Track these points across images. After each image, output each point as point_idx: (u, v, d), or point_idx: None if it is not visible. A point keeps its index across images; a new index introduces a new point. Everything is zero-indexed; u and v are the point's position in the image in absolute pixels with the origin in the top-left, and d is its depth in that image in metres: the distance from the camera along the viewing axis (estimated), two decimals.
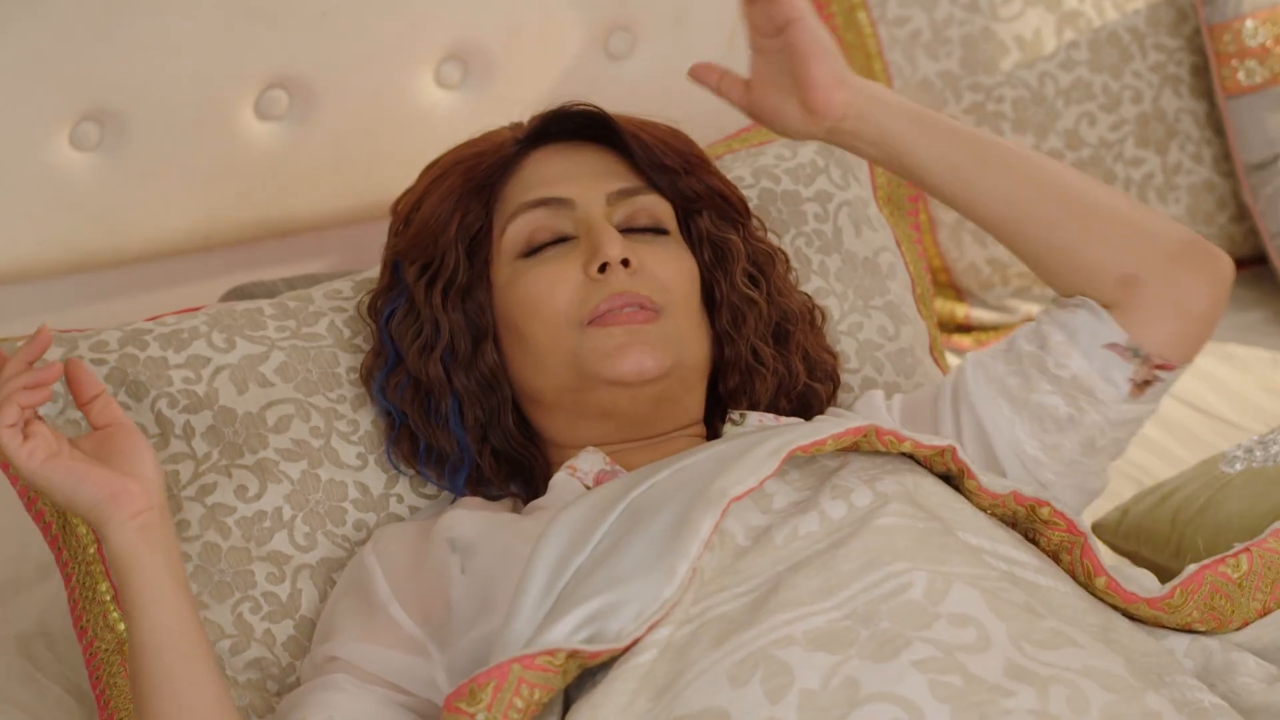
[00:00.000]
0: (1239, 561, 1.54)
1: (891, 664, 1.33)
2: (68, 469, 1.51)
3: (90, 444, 1.55)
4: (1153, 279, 1.66)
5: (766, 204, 2.00)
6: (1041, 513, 1.53)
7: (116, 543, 1.51)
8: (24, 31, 2.08)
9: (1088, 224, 1.67)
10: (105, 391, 1.57)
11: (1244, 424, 2.26)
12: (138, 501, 1.52)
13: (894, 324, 1.98)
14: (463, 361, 1.73)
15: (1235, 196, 2.52)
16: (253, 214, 2.25)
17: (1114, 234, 1.67)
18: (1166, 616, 1.53)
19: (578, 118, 1.78)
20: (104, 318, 2.11)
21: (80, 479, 1.51)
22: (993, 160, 1.68)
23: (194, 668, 1.51)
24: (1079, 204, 1.67)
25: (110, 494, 1.51)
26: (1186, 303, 1.67)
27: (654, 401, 1.69)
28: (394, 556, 1.64)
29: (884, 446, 1.53)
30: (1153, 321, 1.67)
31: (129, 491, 1.52)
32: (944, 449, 1.53)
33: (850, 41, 2.47)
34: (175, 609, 1.51)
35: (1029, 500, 1.53)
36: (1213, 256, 1.68)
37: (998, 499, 1.54)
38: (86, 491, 1.51)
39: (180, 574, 1.53)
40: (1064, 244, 1.67)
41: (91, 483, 1.51)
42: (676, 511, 1.43)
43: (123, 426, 1.56)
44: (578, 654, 1.37)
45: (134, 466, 1.54)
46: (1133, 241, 1.66)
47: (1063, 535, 1.53)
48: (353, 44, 2.24)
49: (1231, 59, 2.44)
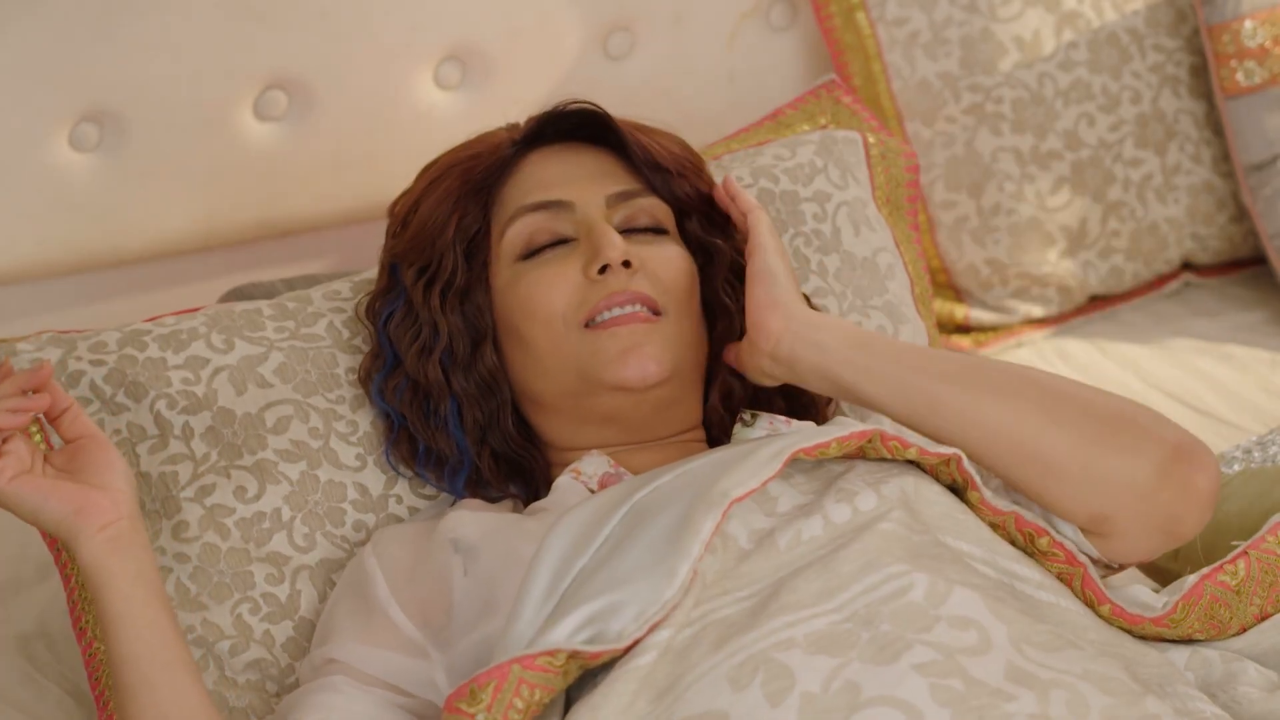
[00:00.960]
0: (1236, 568, 1.54)
1: (892, 667, 1.33)
2: (34, 486, 1.51)
3: (61, 458, 1.56)
4: (1124, 515, 1.53)
5: (765, 204, 2.00)
6: (1040, 543, 1.53)
7: (85, 556, 1.51)
8: (24, 32, 2.08)
9: (1046, 472, 1.53)
10: (75, 405, 1.57)
11: (1243, 425, 2.26)
12: (106, 513, 1.52)
13: (893, 324, 1.98)
14: (461, 364, 1.73)
15: (1234, 197, 2.52)
16: (252, 214, 2.25)
17: (1075, 478, 1.53)
18: (1169, 631, 1.52)
19: (574, 118, 1.78)
20: (103, 318, 2.11)
21: (46, 495, 1.51)
22: (945, 403, 1.56)
23: (173, 676, 1.51)
24: (1036, 452, 1.53)
25: (75, 508, 1.51)
26: (1167, 526, 1.54)
27: (656, 406, 1.69)
28: (394, 558, 1.64)
29: (889, 453, 1.53)
30: (1130, 546, 1.55)
31: (96, 504, 1.52)
32: (949, 458, 1.53)
33: (849, 42, 2.47)
34: (150, 620, 1.51)
35: (1028, 527, 1.53)
36: (1193, 473, 1.52)
37: (1000, 517, 1.54)
38: (52, 507, 1.51)
39: (154, 582, 1.53)
40: (1024, 486, 1.55)
41: (57, 498, 1.51)
42: (678, 513, 1.43)
43: (94, 439, 1.56)
44: (578, 655, 1.37)
45: (104, 478, 1.54)
46: (1097, 486, 1.52)
47: (1062, 566, 1.53)
48: (352, 45, 2.24)
49: (1230, 60, 2.44)
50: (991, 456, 1.55)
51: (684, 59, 2.45)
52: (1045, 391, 1.56)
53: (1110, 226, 2.49)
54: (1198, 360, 2.42)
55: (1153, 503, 1.52)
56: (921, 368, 1.57)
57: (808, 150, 2.06)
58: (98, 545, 1.51)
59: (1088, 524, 1.54)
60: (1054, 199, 2.47)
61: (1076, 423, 1.54)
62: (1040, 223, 2.47)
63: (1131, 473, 1.52)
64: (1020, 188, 2.46)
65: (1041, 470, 1.53)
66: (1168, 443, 1.53)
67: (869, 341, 1.59)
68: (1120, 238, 2.50)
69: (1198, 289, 2.59)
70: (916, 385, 1.56)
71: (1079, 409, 1.54)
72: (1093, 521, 1.54)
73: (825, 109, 2.20)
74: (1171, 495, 1.52)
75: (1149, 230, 2.51)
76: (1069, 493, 1.53)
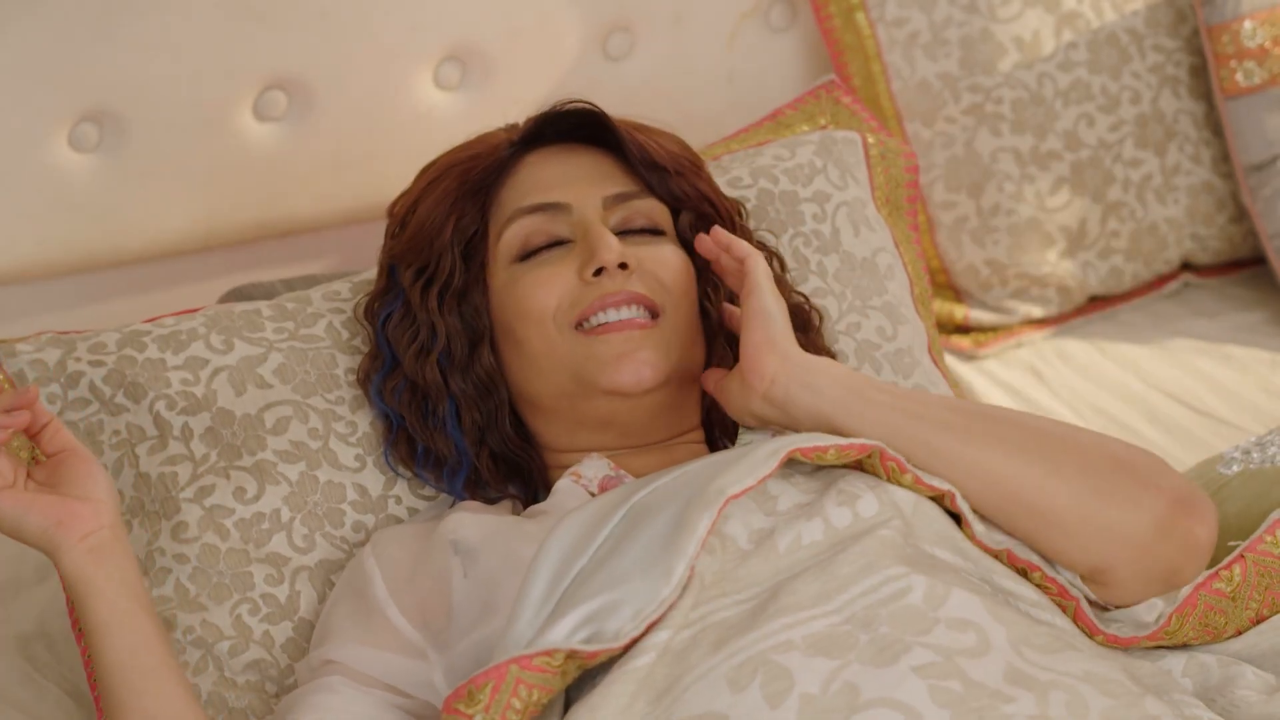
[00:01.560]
0: (1232, 574, 1.53)
1: (891, 669, 1.33)
2: (14, 500, 1.52)
3: (43, 472, 1.56)
4: (1124, 567, 1.52)
5: (765, 204, 2.00)
6: (1033, 578, 1.52)
7: (67, 567, 1.52)
8: (24, 32, 2.08)
9: (1045, 524, 1.52)
10: (55, 420, 1.57)
11: (1242, 425, 2.26)
12: (87, 523, 1.52)
13: (892, 324, 1.98)
14: (459, 365, 1.73)
15: (1234, 197, 2.52)
16: (251, 215, 2.25)
17: (1075, 531, 1.51)
18: (1166, 642, 1.52)
19: (572, 118, 1.78)
20: (103, 318, 2.11)
21: (27, 509, 1.52)
22: (942, 452, 1.54)
23: (160, 682, 1.52)
24: (1035, 504, 1.52)
25: (56, 521, 1.52)
26: (1166, 576, 1.53)
27: (653, 410, 1.69)
28: (393, 559, 1.64)
29: (884, 474, 1.53)
30: (1129, 594, 1.54)
31: (76, 515, 1.52)
32: (944, 493, 1.53)
33: (849, 43, 2.47)
34: (135, 628, 1.52)
35: (1020, 563, 1.52)
36: (1193, 525, 1.52)
37: (994, 554, 1.53)
38: (33, 521, 1.52)
39: (138, 590, 1.54)
40: (1023, 536, 1.53)
41: (37, 512, 1.52)
42: (675, 512, 1.43)
43: (74, 453, 1.57)
44: (576, 654, 1.37)
45: (85, 489, 1.54)
46: (1096, 538, 1.51)
47: (1055, 599, 1.52)
48: (352, 45, 2.24)
49: (1230, 60, 2.44)
50: (990, 506, 1.53)
51: (684, 59, 2.45)
52: (1044, 442, 1.54)
53: (1110, 227, 2.49)
54: (1197, 360, 2.42)
55: (1153, 555, 1.51)
56: (919, 415, 1.55)
57: (807, 150, 2.06)
58: (79, 555, 1.52)
59: (1088, 574, 1.53)
60: (1053, 199, 2.47)
61: (1076, 475, 1.52)
62: (1040, 223, 2.47)
63: (1132, 526, 1.51)
64: (1020, 188, 2.46)
65: (1040, 522, 1.52)
66: (1167, 494, 1.52)
67: (865, 387, 1.57)
68: (1120, 238, 2.50)
69: (1197, 289, 2.58)
70: (913, 433, 1.54)
71: (1078, 460, 1.53)
72: (1093, 572, 1.53)
73: (825, 109, 2.20)
74: (1171, 548, 1.52)
75: (1148, 230, 2.51)
76: (1068, 544, 1.52)
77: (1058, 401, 2.36)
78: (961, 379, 2.39)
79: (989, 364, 2.46)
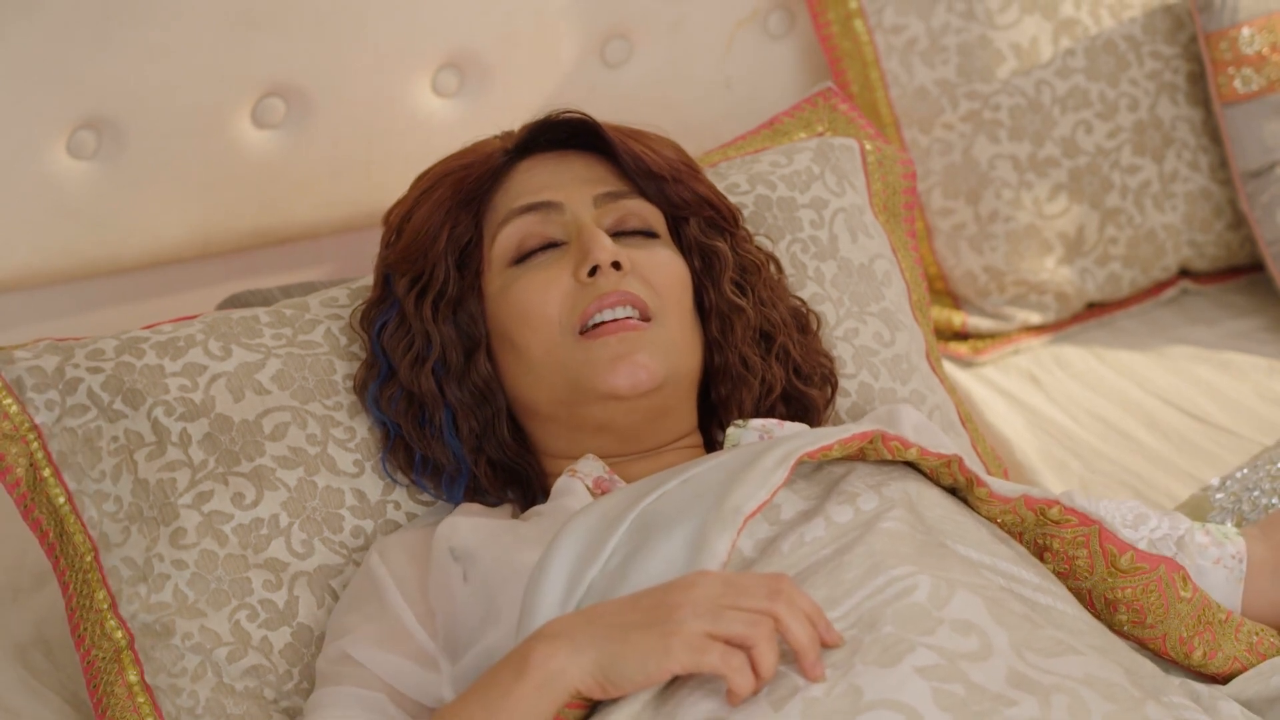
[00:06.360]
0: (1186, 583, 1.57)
1: (894, 670, 1.33)
2: None
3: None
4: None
5: (762, 210, 2.00)
6: (1051, 513, 1.54)
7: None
8: (22, 38, 2.08)
9: None
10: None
11: (1240, 432, 2.26)
12: None
13: (889, 330, 1.98)
14: (455, 373, 1.73)
15: (1232, 204, 2.53)
16: (249, 222, 2.25)
17: None
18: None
19: (566, 126, 1.78)
20: (101, 325, 2.11)
21: None
22: None
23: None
24: None
25: None
26: None
27: (649, 414, 1.69)
28: (403, 566, 1.64)
29: (889, 454, 1.53)
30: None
31: None
32: (950, 459, 1.53)
33: (847, 50, 2.47)
34: None
35: (1039, 502, 1.54)
36: None
37: (1009, 504, 1.54)
38: None
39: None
40: None
41: None
42: (692, 529, 1.43)
43: None
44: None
45: None
46: None
47: (1075, 530, 1.53)
48: (350, 52, 2.24)
49: (1228, 66, 2.44)
50: None
51: (681, 66, 2.45)
52: None
53: (1108, 233, 2.49)
54: (1195, 367, 2.41)
55: None
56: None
57: (805, 157, 2.06)
58: None
59: None
60: (1051, 206, 2.47)
61: None
62: (1038, 230, 2.47)
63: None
64: (1018, 195, 2.46)
65: None
66: None
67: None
68: (1118, 245, 2.50)
69: (1195, 296, 2.59)
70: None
71: None
72: None
73: (822, 116, 2.20)
74: None
75: (1146, 237, 2.51)
76: None
77: (1055, 408, 2.36)
78: (959, 385, 2.39)
79: (987, 371, 2.46)
